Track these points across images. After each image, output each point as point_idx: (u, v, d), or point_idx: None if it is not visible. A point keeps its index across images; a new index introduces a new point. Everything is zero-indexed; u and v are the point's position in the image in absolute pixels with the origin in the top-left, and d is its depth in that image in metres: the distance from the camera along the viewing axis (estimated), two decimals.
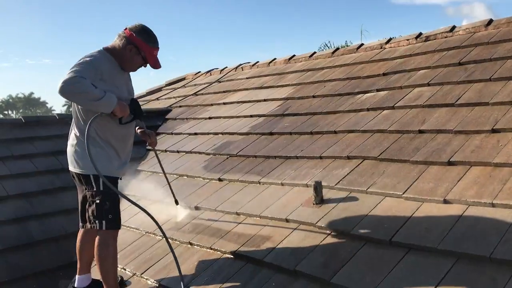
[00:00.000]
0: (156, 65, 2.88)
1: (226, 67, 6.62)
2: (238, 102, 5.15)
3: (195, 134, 4.86)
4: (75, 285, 2.93)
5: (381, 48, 4.64)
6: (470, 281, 1.90)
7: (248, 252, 2.73)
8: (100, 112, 2.64)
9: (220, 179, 3.75)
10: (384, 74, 4.06)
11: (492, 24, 3.90)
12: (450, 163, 2.61)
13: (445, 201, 2.37)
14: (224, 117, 4.92)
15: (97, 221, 2.69)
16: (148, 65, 2.88)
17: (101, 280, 2.77)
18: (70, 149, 2.83)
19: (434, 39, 4.23)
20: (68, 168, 2.85)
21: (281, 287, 2.37)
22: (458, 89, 3.27)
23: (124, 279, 3.04)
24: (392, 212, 2.48)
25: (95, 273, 2.89)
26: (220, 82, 6.19)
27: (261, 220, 3.00)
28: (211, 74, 6.75)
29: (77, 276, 2.95)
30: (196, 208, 3.49)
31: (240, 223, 3.07)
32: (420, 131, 3.02)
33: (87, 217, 2.74)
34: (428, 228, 2.26)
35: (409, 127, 3.11)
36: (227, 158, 4.06)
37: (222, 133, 4.55)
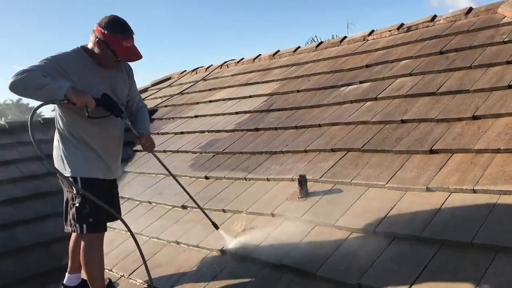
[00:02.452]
0: (129, 57, 2.61)
1: (211, 65, 6.60)
2: (223, 100, 5.14)
3: (181, 133, 4.84)
4: (64, 282, 2.89)
5: (364, 40, 4.65)
6: (453, 267, 1.91)
7: (234, 248, 2.72)
8: (57, 101, 2.43)
9: (206, 177, 3.74)
10: (367, 66, 4.07)
11: (472, 12, 3.91)
12: (432, 152, 2.62)
13: (428, 189, 2.38)
14: (210, 115, 4.91)
15: (77, 225, 2.61)
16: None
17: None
18: (53, 152, 2.77)
19: (416, 29, 4.24)
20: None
21: (268, 281, 2.37)
22: (440, 78, 3.28)
23: (112, 281, 3.02)
24: (376, 202, 2.49)
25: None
26: (205, 80, 6.17)
27: (247, 216, 2.99)
28: (196, 73, 6.73)
29: (67, 275, 2.92)
30: (183, 207, 3.48)
31: (226, 219, 3.07)
32: (403, 121, 3.03)
33: (68, 220, 2.67)
34: (411, 216, 2.26)
35: (392, 117, 3.12)
36: (214, 156, 4.05)
37: (208, 131, 4.54)
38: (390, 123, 3.10)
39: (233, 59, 6.32)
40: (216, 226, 2.92)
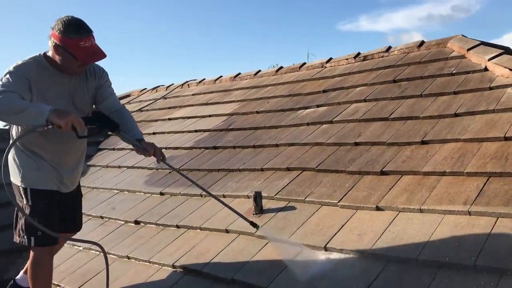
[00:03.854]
0: (90, 58, 2.38)
1: (172, 84, 6.60)
2: (183, 118, 5.14)
3: None
4: (17, 277, 2.76)
5: (322, 67, 4.80)
6: (398, 282, 1.96)
7: (186, 264, 2.69)
8: (36, 129, 2.24)
9: (161, 193, 3.71)
10: (324, 91, 4.19)
11: (424, 45, 4.14)
12: (383, 173, 2.72)
13: (378, 208, 2.46)
14: (169, 133, 4.89)
15: (25, 237, 2.48)
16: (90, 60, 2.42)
17: None
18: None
19: (372, 58, 4.43)
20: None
21: None
22: (392, 105, 3.43)
23: None
24: (328, 220, 2.54)
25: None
26: (166, 98, 6.16)
27: (201, 232, 2.98)
28: (157, 91, 6.71)
29: (21, 272, 2.80)
30: (136, 222, 3.42)
31: (180, 235, 3.04)
32: (356, 144, 3.13)
33: (17, 230, 2.54)
34: (360, 234, 2.33)
35: (346, 140, 3.22)
36: (170, 172, 4.02)
37: (165, 148, 4.51)
38: (344, 145, 3.19)
39: (195, 79, 6.36)
40: (256, 225, 2.58)
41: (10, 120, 2.32)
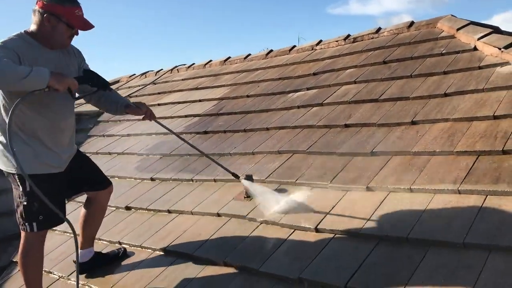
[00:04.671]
0: (85, 25, 2.47)
1: (162, 69, 6.54)
2: (173, 103, 5.10)
3: (128, 135, 4.76)
4: (78, 260, 2.65)
5: (312, 49, 4.77)
6: (389, 260, 1.98)
7: (178, 247, 2.70)
8: (31, 92, 2.24)
9: (152, 179, 3.69)
10: (314, 74, 4.17)
11: (414, 26, 4.12)
12: (373, 154, 2.72)
13: (368, 189, 2.46)
14: (158, 118, 4.83)
15: (26, 224, 2.47)
16: (78, 30, 2.48)
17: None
18: None
19: (361, 40, 4.40)
20: None
21: (210, 278, 2.36)
22: (382, 86, 3.42)
23: (50, 283, 2.91)
24: (319, 201, 2.54)
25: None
26: (155, 84, 6.11)
27: (192, 216, 2.97)
28: (146, 76, 6.64)
29: (80, 251, 2.75)
30: (127, 208, 3.41)
31: (171, 220, 3.03)
32: (346, 125, 3.13)
33: (17, 219, 2.52)
34: (351, 214, 2.33)
35: (336, 122, 3.22)
36: (160, 158, 4.00)
37: (155, 134, 4.48)
38: (335, 127, 3.19)
39: (184, 64, 6.30)
40: (237, 176, 2.91)
41: (12, 86, 2.26)
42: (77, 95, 2.63)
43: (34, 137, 2.46)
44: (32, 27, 2.42)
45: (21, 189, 2.45)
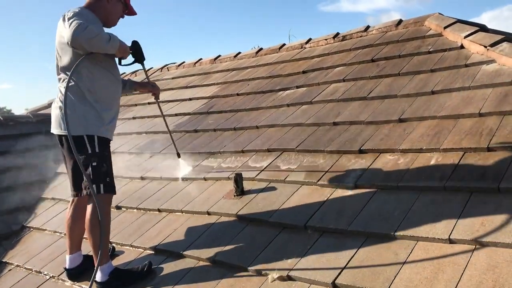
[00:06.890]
0: (134, 10, 2.76)
1: (151, 67, 6.53)
2: (162, 102, 5.07)
3: (118, 134, 4.73)
4: (67, 267, 2.73)
5: (302, 48, 4.79)
6: (376, 257, 2.00)
7: (168, 246, 2.70)
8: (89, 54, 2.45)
9: (142, 178, 3.69)
10: (303, 72, 4.19)
11: (402, 24, 4.15)
12: (361, 151, 2.75)
13: (356, 186, 2.49)
14: (149, 117, 4.85)
15: (94, 186, 2.45)
16: (124, 14, 2.73)
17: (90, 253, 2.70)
18: (57, 112, 2.57)
19: (350, 38, 4.43)
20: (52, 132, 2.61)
21: (200, 276, 2.38)
22: (370, 84, 3.45)
23: (42, 282, 2.90)
24: (308, 199, 2.56)
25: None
26: None
27: (182, 215, 2.98)
28: (136, 75, 6.61)
29: (67, 257, 2.75)
30: (117, 207, 3.41)
31: (161, 219, 3.04)
32: (335, 123, 3.15)
33: (82, 184, 2.52)
34: (339, 212, 2.36)
35: (325, 120, 3.24)
36: (151, 156, 4.00)
37: (146, 133, 4.48)
38: (323, 125, 3.21)
39: (174, 63, 6.29)
40: (179, 155, 3.47)
41: (99, 47, 2.42)
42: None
43: (101, 102, 2.58)
44: (89, 3, 2.58)
45: (89, 151, 2.49)
